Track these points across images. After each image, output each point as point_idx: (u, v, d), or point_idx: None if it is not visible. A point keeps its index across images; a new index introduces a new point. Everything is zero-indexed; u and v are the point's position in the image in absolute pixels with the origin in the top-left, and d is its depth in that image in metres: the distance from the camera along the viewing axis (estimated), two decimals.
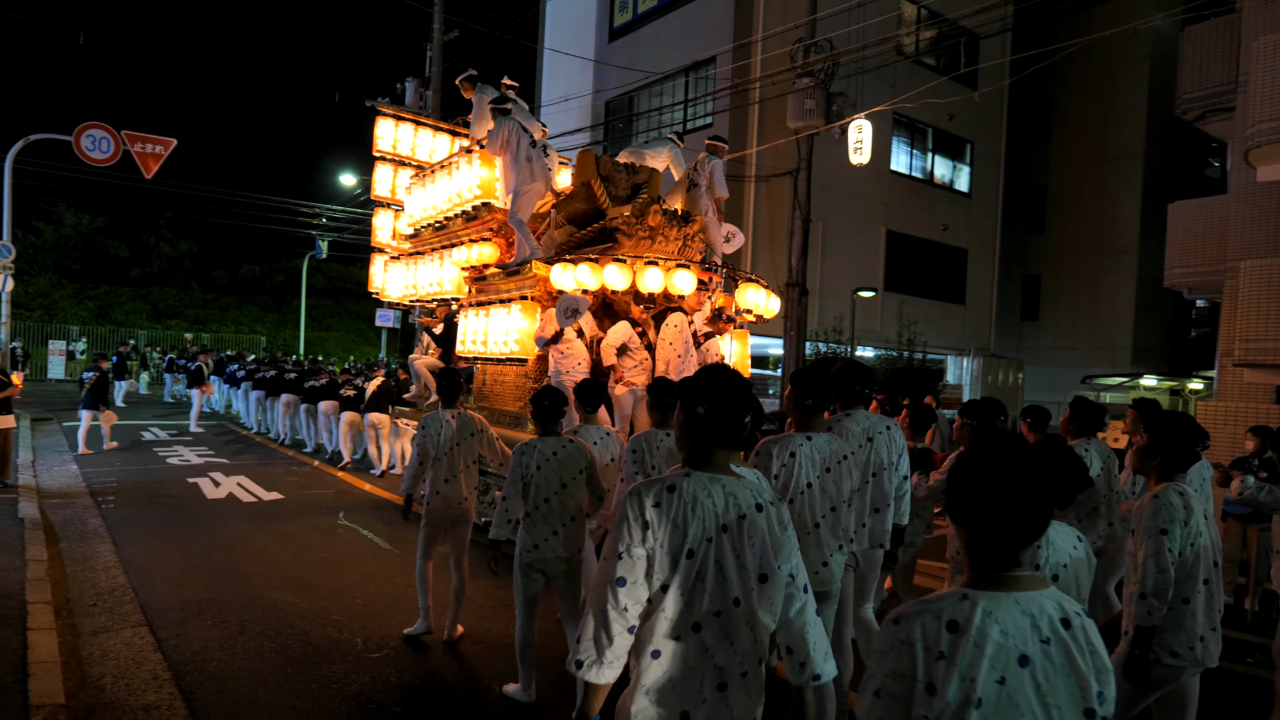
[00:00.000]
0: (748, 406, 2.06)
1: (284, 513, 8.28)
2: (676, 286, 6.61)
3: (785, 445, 3.33)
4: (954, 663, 1.43)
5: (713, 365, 2.19)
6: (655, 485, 1.98)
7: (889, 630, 1.52)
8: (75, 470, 10.05)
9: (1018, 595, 1.48)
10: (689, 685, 1.95)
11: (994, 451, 1.55)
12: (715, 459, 2.05)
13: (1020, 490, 1.49)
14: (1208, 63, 12.82)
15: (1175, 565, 2.85)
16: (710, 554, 1.95)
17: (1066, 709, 1.44)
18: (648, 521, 1.93)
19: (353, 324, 39.28)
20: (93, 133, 14.91)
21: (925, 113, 19.04)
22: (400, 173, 11.37)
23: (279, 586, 5.81)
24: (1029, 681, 1.43)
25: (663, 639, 1.96)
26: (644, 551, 1.93)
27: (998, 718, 1.42)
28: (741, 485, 2.03)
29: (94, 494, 8.64)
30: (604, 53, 20.47)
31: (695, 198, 8.40)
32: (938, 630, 1.46)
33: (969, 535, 1.54)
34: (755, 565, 1.97)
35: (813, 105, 14.87)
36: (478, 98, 8.94)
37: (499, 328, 7.46)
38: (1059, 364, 24.52)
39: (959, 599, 1.48)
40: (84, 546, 6.53)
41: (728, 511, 1.97)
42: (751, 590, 1.96)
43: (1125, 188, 23.84)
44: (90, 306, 32.84)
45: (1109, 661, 1.50)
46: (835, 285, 17.86)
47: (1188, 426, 3.03)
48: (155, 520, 7.59)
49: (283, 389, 13.84)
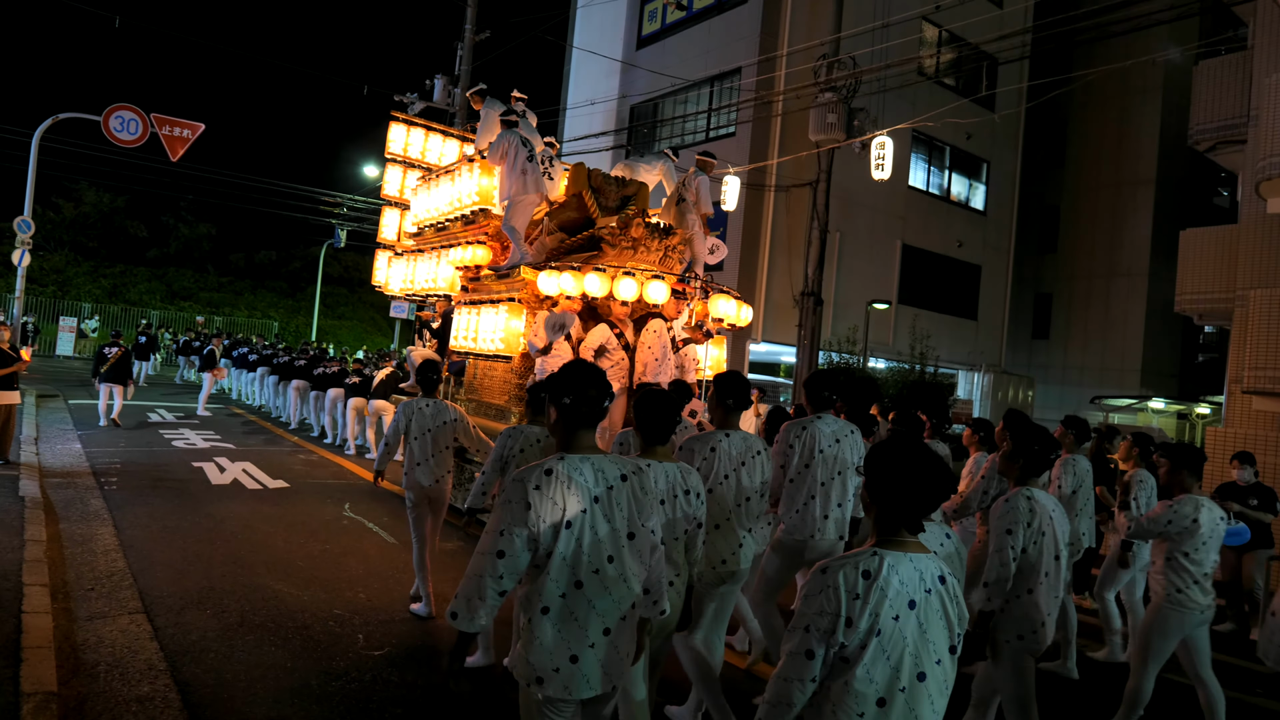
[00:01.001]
0: (605, 394, 2.44)
1: (289, 501, 8.21)
2: (650, 296, 6.97)
3: (706, 441, 3.70)
4: (866, 601, 1.86)
5: (572, 361, 2.54)
6: (535, 470, 2.30)
7: (818, 578, 1.92)
8: (79, 449, 10.00)
9: (911, 555, 1.95)
10: (576, 632, 2.29)
11: (901, 449, 2.02)
12: (581, 440, 2.43)
13: (917, 478, 1.96)
14: (1220, 96, 12.79)
15: (1018, 560, 3.28)
16: (586, 522, 2.30)
17: (938, 641, 1.93)
18: (529, 503, 2.25)
19: (366, 313, 39.27)
20: (122, 114, 14.87)
21: (944, 131, 18.95)
22: (409, 174, 11.78)
23: (281, 578, 5.72)
24: (914, 620, 1.89)
25: (551, 596, 2.28)
26: (525, 530, 2.23)
27: (890, 644, 1.87)
28: (608, 460, 2.40)
29: (97, 474, 8.58)
30: (631, 59, 20.44)
31: (683, 212, 8.74)
32: (855, 577, 1.89)
33: (880, 508, 2.01)
34: (624, 525, 2.37)
35: (834, 120, 14.80)
36: (486, 111, 9.38)
37: (489, 326, 7.82)
38: (1069, 383, 24.47)
39: (870, 555, 1.93)
40: (84, 528, 6.46)
41: (597, 484, 2.34)
42: (623, 547, 2.36)
43: (1137, 212, 23.93)
44: (105, 285, 32.91)
45: (966, 611, 2.01)
46: (850, 296, 17.73)
47: (1045, 438, 3.53)
48: (158, 504, 7.52)
49: (294, 374, 14.30)
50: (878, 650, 1.86)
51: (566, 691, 2.28)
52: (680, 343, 7.56)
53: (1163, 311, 24.02)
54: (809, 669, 1.89)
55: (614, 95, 20.14)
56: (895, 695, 1.87)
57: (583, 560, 2.29)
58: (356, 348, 30.00)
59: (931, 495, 1.96)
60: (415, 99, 17.13)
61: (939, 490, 1.97)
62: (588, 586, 2.30)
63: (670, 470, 3.09)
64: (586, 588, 2.30)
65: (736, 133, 16.84)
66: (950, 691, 1.97)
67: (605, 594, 2.32)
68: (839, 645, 1.87)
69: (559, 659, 2.28)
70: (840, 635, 1.86)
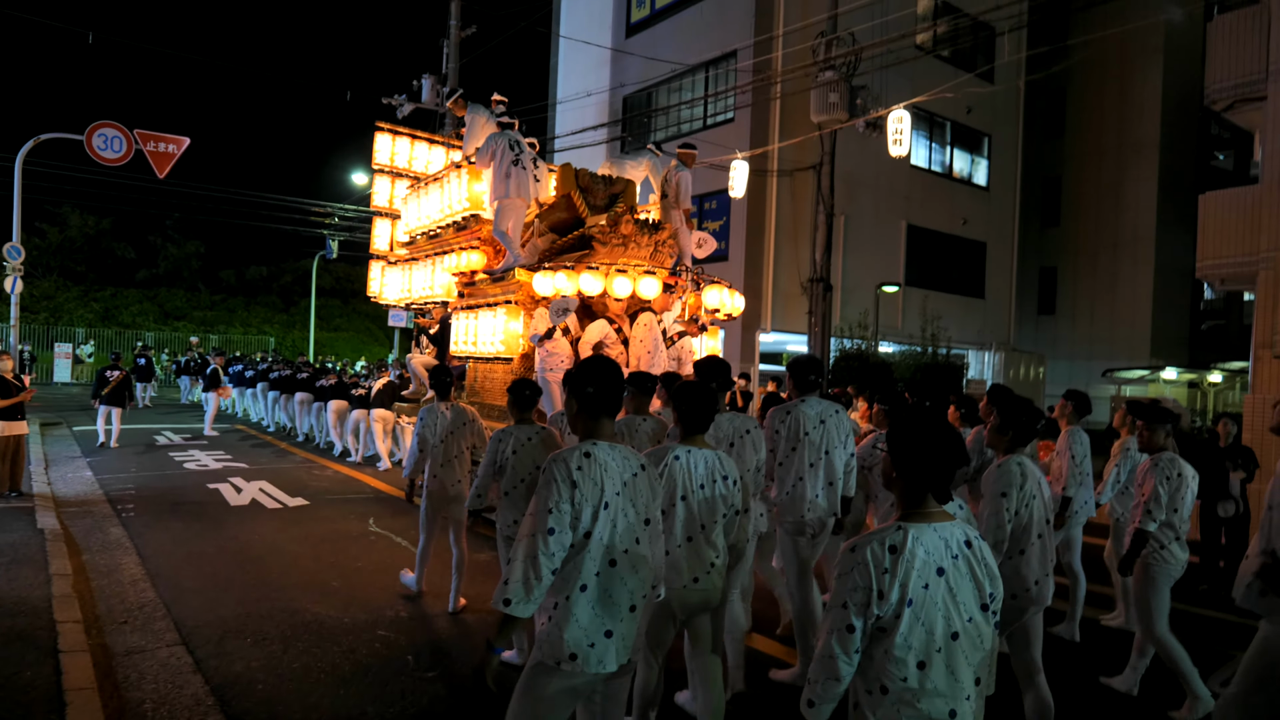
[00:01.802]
0: (622, 385, 2.66)
1: (311, 519, 7.97)
2: (643, 291, 7.17)
3: None
4: (895, 575, 1.96)
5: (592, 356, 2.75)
6: (575, 453, 2.44)
7: (847, 556, 2.02)
8: (90, 477, 9.74)
9: (935, 525, 2.04)
10: (610, 609, 2.43)
11: (922, 421, 2.11)
12: (605, 429, 2.58)
13: (940, 448, 2.06)
14: (1237, 53, 12.55)
15: (1012, 522, 3.39)
16: (618, 505, 2.46)
17: (968, 602, 2.03)
18: (575, 481, 2.37)
19: (362, 324, 38.94)
20: (105, 132, 14.56)
21: (944, 107, 18.72)
22: (398, 184, 11.77)
23: (318, 599, 5.49)
24: (944, 585, 2.00)
25: (589, 575, 2.41)
26: (570, 507, 2.35)
27: (923, 612, 1.98)
28: (628, 451, 2.58)
29: (112, 502, 8.33)
30: (621, 48, 20.14)
31: (667, 207, 8.88)
32: (882, 553, 1.98)
33: (907, 481, 2.09)
34: (644, 511, 2.56)
35: (836, 99, 14.56)
36: (471, 116, 9.29)
37: (487, 329, 7.94)
38: (1077, 357, 24.23)
39: (895, 529, 2.02)
40: (108, 558, 6.22)
41: (624, 471, 2.51)
42: (644, 530, 2.54)
43: (1141, 179, 23.58)
44: (96, 309, 32.53)
45: (997, 570, 2.11)
46: (856, 280, 17.52)
47: (1030, 409, 3.69)
48: (179, 530, 7.28)
49: (296, 388, 14.49)
50: (912, 618, 1.97)
51: (601, 665, 2.40)
52: (675, 336, 7.65)
53: (1170, 280, 23.86)
54: (850, 642, 1.99)
55: (605, 87, 19.85)
56: (933, 656, 1.99)
57: (617, 540, 2.44)
58: (355, 359, 29.69)
59: (952, 463, 2.08)
60: (404, 101, 16.82)
61: (958, 459, 2.09)
62: (620, 565, 2.44)
63: (709, 457, 3.25)
64: (620, 566, 2.44)
65: (735, 118, 16.56)
66: (987, 645, 2.07)
67: (634, 573, 2.47)
68: (874, 617, 1.98)
69: (594, 635, 2.40)
70: (875, 607, 1.98)
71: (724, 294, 7.91)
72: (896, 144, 10.87)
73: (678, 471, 3.16)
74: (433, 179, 9.71)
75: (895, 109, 10.84)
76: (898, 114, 10.78)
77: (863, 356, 14.88)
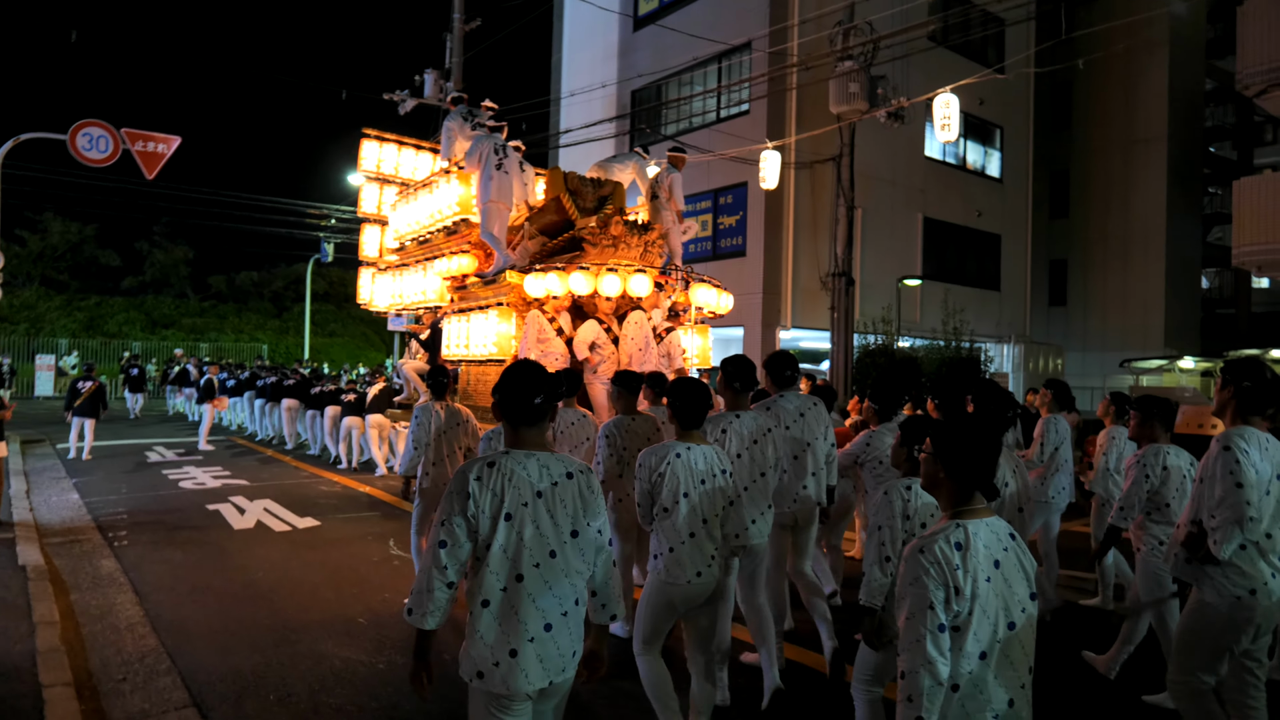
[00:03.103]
0: (547, 394, 2.42)
1: (325, 542, 7.25)
2: (633, 290, 7.20)
3: (718, 423, 3.91)
4: (966, 570, 2.01)
5: (517, 361, 2.54)
6: (478, 463, 2.33)
7: (915, 561, 2.03)
8: (77, 500, 8.97)
9: (985, 520, 2.12)
10: (516, 627, 2.26)
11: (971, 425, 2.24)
12: (525, 437, 2.42)
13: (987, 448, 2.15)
14: (1269, 38, 12.09)
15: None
16: (527, 516, 2.29)
17: (1020, 591, 2.08)
18: (469, 493, 2.27)
19: (357, 329, 38.05)
20: (89, 131, 13.70)
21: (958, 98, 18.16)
22: (386, 190, 11.77)
23: (346, 642, 4.78)
24: (1000, 577, 2.06)
25: (491, 589, 2.27)
26: (463, 520, 2.26)
27: (987, 605, 2.02)
28: (555, 459, 2.42)
29: (103, 529, 7.58)
30: (629, 41, 19.47)
31: (656, 208, 9.01)
32: (950, 551, 2.02)
33: (956, 481, 2.14)
34: (568, 523, 2.35)
35: (856, 89, 13.97)
36: (446, 124, 9.42)
37: (479, 332, 7.95)
38: (1090, 348, 23.93)
39: (955, 527, 2.07)
40: (100, 597, 5.49)
41: (541, 479, 2.34)
42: (565, 544, 2.34)
43: (1149, 171, 23.44)
44: (80, 318, 31.52)
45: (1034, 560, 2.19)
46: (874, 275, 16.88)
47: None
48: (179, 561, 6.54)
49: (283, 395, 14.10)
50: (980, 613, 1.98)
51: (505, 686, 2.26)
52: (663, 331, 7.75)
53: (1179, 269, 23.57)
54: (944, 642, 1.96)
55: (613, 80, 19.18)
56: (994, 647, 2.01)
57: (524, 554, 2.29)
58: (353, 365, 28.81)
59: (995, 462, 2.15)
60: (406, 96, 16.13)
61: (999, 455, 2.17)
62: (528, 580, 2.29)
63: (708, 452, 3.38)
64: (527, 581, 2.29)
65: (751, 110, 15.92)
66: (1034, 633, 2.10)
67: (546, 589, 2.31)
68: (954, 614, 1.97)
69: (499, 653, 2.27)
70: (954, 604, 1.97)
71: (712, 293, 7.98)
72: (944, 130, 10.30)
73: (680, 469, 3.27)
74: (422, 184, 9.73)
75: (940, 93, 10.31)
76: (944, 99, 10.22)
77: (888, 352, 14.23)
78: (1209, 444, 3.24)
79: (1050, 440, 5.55)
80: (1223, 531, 3.03)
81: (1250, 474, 3.02)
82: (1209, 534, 3.10)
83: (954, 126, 10.30)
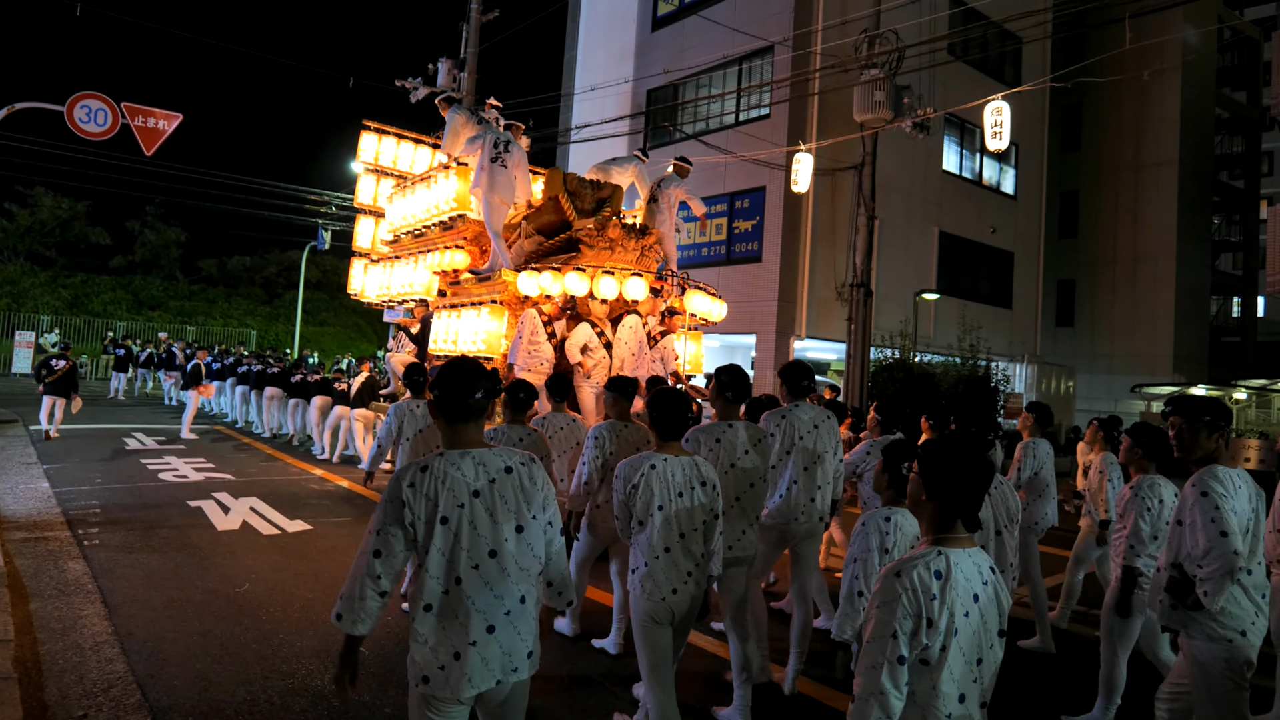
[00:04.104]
0: (482, 389, 2.34)
1: (317, 550, 6.65)
2: (629, 294, 7.13)
3: (711, 433, 3.82)
4: (943, 601, 1.86)
5: (454, 359, 2.47)
6: (411, 468, 2.26)
7: (890, 583, 1.89)
8: (46, 490, 8.34)
9: (968, 550, 1.98)
10: (458, 630, 2.22)
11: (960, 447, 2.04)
12: (462, 435, 2.34)
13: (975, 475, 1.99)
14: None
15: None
16: (464, 517, 2.24)
17: (993, 628, 1.96)
18: (404, 500, 2.21)
19: (349, 319, 37.34)
20: (88, 103, 12.98)
21: (974, 112, 17.69)
22: (382, 182, 11.78)
23: None
24: (978, 611, 1.93)
25: (433, 593, 2.23)
26: (399, 529, 2.20)
27: (962, 639, 1.88)
28: (492, 454, 2.34)
29: (72, 524, 6.95)
30: (646, 41, 18.95)
31: (653, 212, 8.94)
32: (929, 578, 1.88)
33: (939, 507, 1.99)
34: (510, 518, 2.30)
35: (881, 98, 13.54)
36: (451, 116, 9.27)
37: (469, 328, 7.82)
38: (1096, 370, 23.66)
39: (936, 554, 1.93)
40: (64, 608, 4.89)
41: (478, 478, 2.28)
42: (506, 540, 2.29)
43: (1160, 194, 23.35)
44: (65, 296, 30.70)
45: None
46: (888, 287, 16.41)
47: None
48: (156, 565, 5.93)
49: (266, 383, 13.97)
50: (957, 649, 1.86)
51: (449, 690, 2.21)
52: (658, 335, 7.68)
53: (1187, 295, 23.27)
54: (902, 675, 1.84)
55: (628, 79, 18.65)
56: (970, 687, 1.91)
57: (461, 556, 2.23)
58: (344, 355, 28.09)
59: (984, 491, 2.01)
60: (419, 84, 15.53)
61: (987, 485, 2.02)
62: (467, 583, 2.23)
63: (686, 464, 3.22)
64: (465, 584, 2.23)
65: (772, 114, 15.41)
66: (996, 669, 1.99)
67: (486, 590, 2.25)
68: (922, 647, 1.85)
69: (443, 656, 2.22)
70: (924, 637, 1.85)
71: (706, 300, 7.91)
72: (995, 137, 9.88)
73: (654, 481, 3.14)
74: (420, 178, 9.68)
75: (993, 99, 9.88)
76: (995, 105, 9.81)
77: (907, 368, 13.74)
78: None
79: (1028, 465, 5.52)
80: (1214, 584, 2.94)
81: (1232, 520, 2.94)
82: (1198, 584, 3.00)
83: (1005, 135, 9.84)
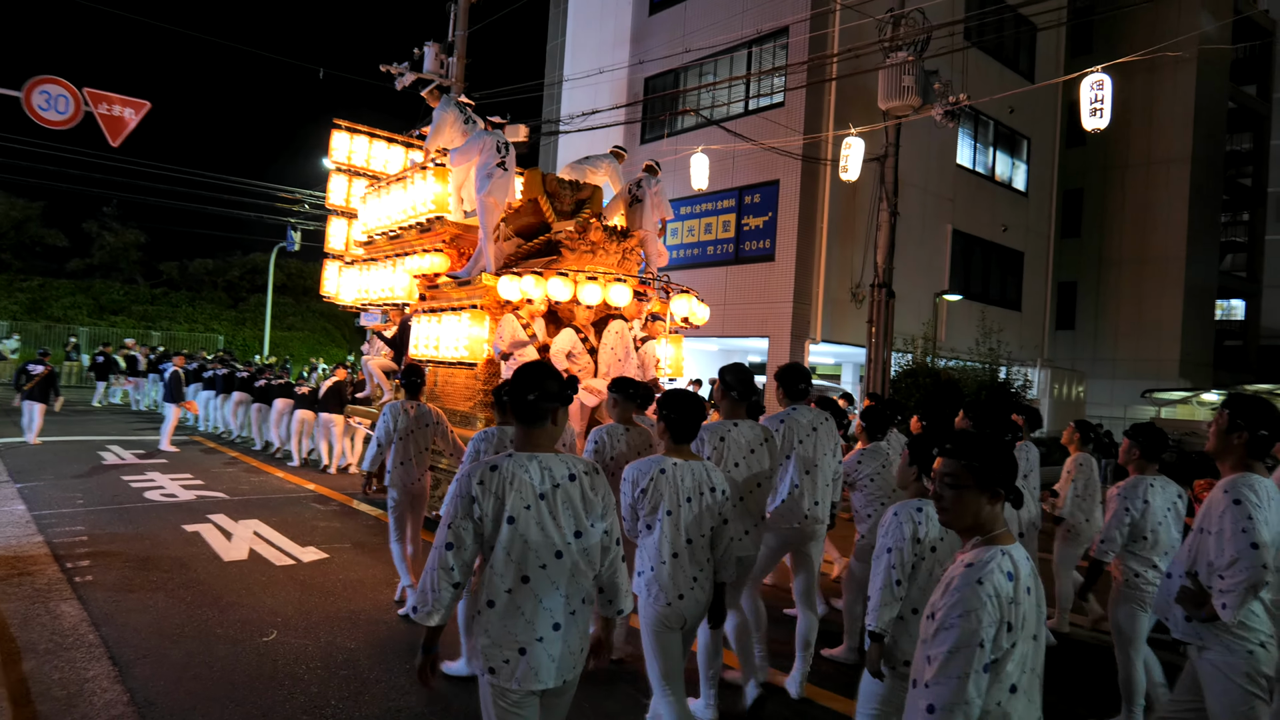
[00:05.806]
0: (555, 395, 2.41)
1: (342, 584, 5.80)
2: (613, 299, 7.02)
3: (716, 431, 3.82)
4: (1018, 602, 1.88)
5: (531, 362, 2.52)
6: (481, 467, 2.32)
7: (972, 591, 1.85)
8: (24, 513, 7.36)
9: (1014, 546, 1.99)
10: (523, 626, 2.29)
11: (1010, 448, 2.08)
12: (532, 437, 2.42)
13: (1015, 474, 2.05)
14: None
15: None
16: (530, 518, 2.30)
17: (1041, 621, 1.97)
18: (474, 497, 2.28)
19: (317, 323, 36.01)
20: (48, 89, 11.88)
21: (989, 103, 17.26)
22: (355, 182, 11.46)
23: None
24: (1030, 602, 1.93)
25: (497, 591, 2.30)
26: (469, 523, 2.27)
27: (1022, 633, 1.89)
28: (557, 459, 2.40)
29: (60, 557, 6.02)
30: (643, 26, 18.18)
31: (636, 212, 8.78)
32: (1003, 581, 1.88)
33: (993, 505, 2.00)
34: (571, 524, 2.37)
35: (909, 84, 12.95)
36: (440, 110, 8.88)
37: (450, 333, 7.72)
38: (1099, 375, 23.20)
39: (1002, 554, 1.93)
40: (66, 668, 4.02)
41: (543, 482, 2.34)
42: (570, 544, 2.35)
43: (1171, 192, 22.73)
44: (22, 300, 29.12)
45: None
46: (901, 287, 15.82)
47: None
48: (164, 610, 5.04)
49: (233, 388, 13.75)
50: (1021, 644, 1.87)
51: (516, 682, 2.26)
52: (639, 341, 7.65)
53: (1194, 298, 22.95)
54: (984, 682, 1.83)
55: (623, 64, 17.89)
56: (1022, 679, 1.90)
57: (529, 555, 2.28)
58: (317, 359, 26.92)
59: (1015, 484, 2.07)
60: (405, 69, 14.57)
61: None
62: (534, 581, 2.29)
63: (696, 468, 3.20)
64: (533, 582, 2.29)
65: (786, 102, 14.73)
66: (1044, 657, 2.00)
67: (553, 589, 2.31)
68: (1000, 650, 1.85)
69: (508, 651, 2.27)
70: (1003, 641, 1.85)
71: (691, 303, 7.98)
72: (1096, 114, 9.33)
73: (664, 485, 3.12)
74: (395, 179, 9.43)
75: (1091, 72, 9.33)
76: (1095, 79, 9.23)
77: (933, 373, 13.18)
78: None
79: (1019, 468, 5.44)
80: (1235, 596, 2.79)
81: (1264, 532, 2.77)
82: (1216, 595, 2.84)
83: (1106, 112, 9.31)
